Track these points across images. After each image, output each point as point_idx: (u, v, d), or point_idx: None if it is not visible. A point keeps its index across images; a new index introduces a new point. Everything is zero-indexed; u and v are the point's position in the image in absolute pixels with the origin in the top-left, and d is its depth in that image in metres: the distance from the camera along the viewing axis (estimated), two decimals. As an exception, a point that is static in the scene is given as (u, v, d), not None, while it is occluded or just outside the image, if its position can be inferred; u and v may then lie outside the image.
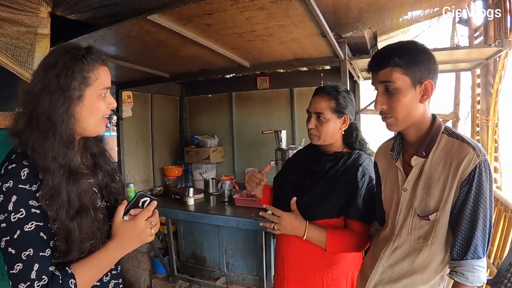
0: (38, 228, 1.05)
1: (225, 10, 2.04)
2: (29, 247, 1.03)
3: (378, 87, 1.40)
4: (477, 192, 1.27)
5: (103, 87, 1.20)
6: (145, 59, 3.29)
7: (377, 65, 1.38)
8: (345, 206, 1.80)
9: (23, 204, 1.04)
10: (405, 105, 1.34)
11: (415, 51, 1.35)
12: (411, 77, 1.32)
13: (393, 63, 1.32)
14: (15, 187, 1.04)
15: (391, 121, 1.40)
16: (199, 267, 3.75)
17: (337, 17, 2.99)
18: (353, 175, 1.81)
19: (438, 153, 1.37)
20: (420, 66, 1.32)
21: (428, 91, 1.35)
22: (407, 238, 1.44)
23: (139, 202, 1.24)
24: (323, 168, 1.90)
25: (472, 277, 1.27)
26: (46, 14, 2.16)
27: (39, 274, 1.02)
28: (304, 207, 1.83)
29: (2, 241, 1.03)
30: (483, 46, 3.13)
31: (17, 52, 2.07)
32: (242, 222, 3.25)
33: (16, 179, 1.04)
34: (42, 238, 1.06)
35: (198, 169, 4.77)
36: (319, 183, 1.87)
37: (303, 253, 1.85)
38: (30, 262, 1.02)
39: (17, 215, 1.02)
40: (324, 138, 1.88)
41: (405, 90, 1.33)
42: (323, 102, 1.87)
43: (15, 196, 1.03)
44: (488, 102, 3.89)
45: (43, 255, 1.05)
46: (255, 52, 3.03)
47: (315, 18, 2.13)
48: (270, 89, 4.65)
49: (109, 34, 2.48)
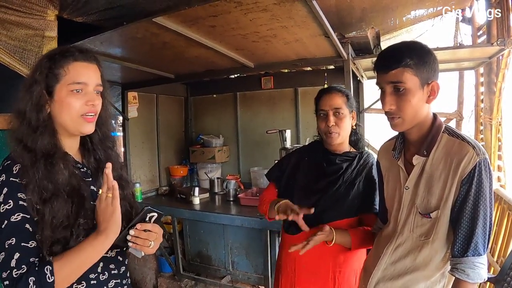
0: (24, 220, 1.08)
1: (229, 12, 2.05)
2: (12, 237, 1.05)
3: (386, 88, 1.39)
4: (477, 190, 1.28)
5: (72, 81, 1.19)
6: (150, 60, 3.31)
7: (387, 65, 1.37)
8: (364, 203, 1.85)
9: (12, 196, 1.08)
10: (413, 105, 1.35)
11: (423, 52, 1.36)
12: (420, 78, 1.33)
13: (404, 63, 1.32)
14: (6, 180, 1.10)
15: (398, 122, 1.40)
16: (205, 266, 3.77)
17: (340, 17, 2.99)
18: (369, 173, 1.88)
19: (439, 152, 1.38)
20: (428, 67, 1.34)
21: (435, 92, 1.37)
22: (409, 236, 1.46)
23: (146, 217, 1.23)
24: (339, 169, 1.91)
25: (473, 274, 1.28)
26: (53, 17, 2.20)
27: (18, 263, 1.03)
28: (323, 209, 1.85)
29: None
30: (486, 45, 3.13)
31: (25, 54, 2.11)
32: (248, 221, 3.27)
33: (8, 174, 1.11)
34: (28, 230, 1.08)
35: (203, 169, 4.79)
36: (337, 184, 1.88)
37: (314, 255, 1.83)
38: (12, 251, 1.04)
39: (5, 206, 1.07)
40: (343, 134, 1.90)
41: (414, 91, 1.34)
42: (338, 98, 1.89)
43: (6, 188, 1.09)
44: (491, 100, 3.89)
45: (25, 245, 1.06)
46: (259, 52, 3.04)
47: (318, 19, 2.15)
48: (275, 89, 4.66)
49: (115, 36, 2.51)
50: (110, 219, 1.13)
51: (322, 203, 1.86)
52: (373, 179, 1.87)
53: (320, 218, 1.82)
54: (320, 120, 1.93)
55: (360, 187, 1.87)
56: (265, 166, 4.40)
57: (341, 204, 1.86)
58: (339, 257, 1.86)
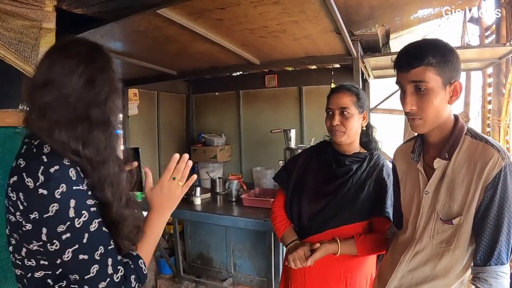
0: (100, 223, 1.01)
1: (238, 4, 2.01)
2: (99, 245, 1.00)
3: (407, 87, 1.33)
4: (502, 196, 1.22)
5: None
6: (152, 55, 3.27)
7: (409, 63, 1.31)
8: (375, 206, 1.82)
9: (84, 207, 0.97)
10: (435, 106, 1.29)
11: (446, 50, 1.30)
12: (442, 77, 1.28)
13: (427, 62, 1.27)
14: (69, 190, 0.95)
15: (420, 123, 1.34)
16: (206, 268, 3.71)
17: (348, 14, 2.94)
18: (380, 175, 1.85)
19: (461, 155, 1.32)
20: (451, 66, 1.28)
21: (457, 92, 1.31)
22: (429, 243, 1.40)
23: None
24: (349, 170, 1.88)
25: (495, 284, 1.23)
26: (52, 8, 2.11)
27: (114, 268, 1.02)
28: (333, 212, 1.84)
29: (68, 253, 0.95)
30: (497, 45, 3.08)
31: (20, 47, 2.02)
32: (251, 222, 3.19)
33: (68, 182, 0.95)
34: (105, 232, 1.03)
35: (205, 168, 4.75)
36: (347, 186, 1.86)
37: (326, 260, 1.80)
38: (105, 260, 1.00)
39: (81, 219, 0.96)
40: (349, 134, 1.86)
41: (437, 91, 1.28)
42: (346, 97, 1.86)
43: (73, 200, 0.95)
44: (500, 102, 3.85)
45: (111, 248, 1.03)
46: (266, 49, 3.01)
47: (331, 14, 2.10)
48: (279, 87, 4.61)
49: (117, 29, 2.45)
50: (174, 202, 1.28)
51: (332, 206, 1.84)
52: (384, 181, 1.83)
53: (331, 222, 1.82)
54: (327, 118, 1.92)
55: (371, 190, 1.84)
56: (268, 166, 4.38)
57: (351, 207, 1.82)
58: (349, 262, 1.83)
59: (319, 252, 1.74)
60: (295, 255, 1.78)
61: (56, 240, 0.94)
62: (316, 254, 1.74)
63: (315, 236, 1.83)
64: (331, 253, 1.77)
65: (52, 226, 0.93)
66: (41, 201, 0.92)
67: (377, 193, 1.83)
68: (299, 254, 1.78)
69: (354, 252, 1.78)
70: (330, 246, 1.77)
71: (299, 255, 1.77)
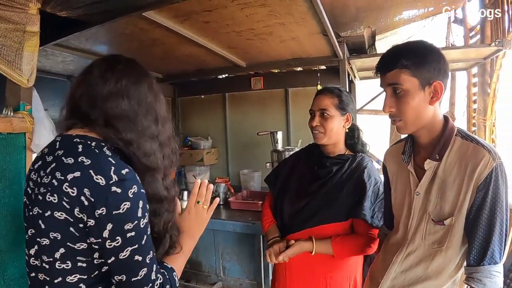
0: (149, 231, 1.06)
1: (225, 6, 1.99)
2: (150, 250, 1.04)
3: (386, 90, 1.37)
4: (494, 196, 1.24)
5: None
6: (138, 58, 3.04)
7: (385, 67, 1.35)
8: (353, 208, 1.83)
9: (146, 210, 1.02)
10: (413, 107, 1.31)
11: (423, 51, 1.31)
12: (419, 79, 1.29)
13: (400, 65, 1.29)
14: (139, 192, 1.00)
15: (401, 124, 1.37)
16: (195, 272, 3.66)
17: (334, 16, 2.95)
18: (360, 177, 1.86)
19: (452, 156, 1.33)
20: (429, 67, 1.29)
21: (438, 93, 1.31)
22: (421, 243, 1.41)
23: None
24: (330, 172, 1.92)
25: (489, 283, 1.24)
26: (36, 10, 2.05)
27: (156, 274, 1.04)
28: (312, 212, 1.87)
29: (127, 251, 0.98)
30: (482, 46, 3.12)
31: (4, 50, 1.96)
32: (239, 226, 3.19)
33: (138, 184, 1.01)
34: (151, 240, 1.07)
35: (191, 172, 4.68)
36: (326, 187, 1.89)
37: (305, 259, 1.85)
38: (151, 264, 1.03)
39: (144, 220, 1.01)
40: (329, 135, 1.90)
41: (413, 92, 1.30)
42: (326, 99, 1.91)
43: (141, 201, 1.00)
44: (485, 101, 3.91)
45: (155, 255, 1.07)
46: (252, 51, 2.99)
47: (318, 16, 2.10)
48: (265, 89, 4.57)
49: (102, 32, 2.41)
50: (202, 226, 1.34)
51: (311, 206, 1.89)
52: (364, 183, 1.84)
53: (309, 221, 1.87)
54: (309, 120, 1.97)
55: (350, 191, 1.86)
56: (255, 168, 4.36)
57: (329, 208, 1.86)
58: (329, 263, 1.87)
59: (292, 249, 1.81)
60: (271, 250, 1.87)
61: (119, 237, 0.95)
62: (289, 251, 1.80)
63: (295, 234, 1.88)
64: (306, 251, 1.82)
65: (119, 223, 0.95)
66: (113, 198, 0.94)
67: (356, 195, 1.85)
68: (275, 249, 1.86)
69: (330, 252, 1.81)
70: (305, 244, 1.82)
71: (275, 250, 1.86)
